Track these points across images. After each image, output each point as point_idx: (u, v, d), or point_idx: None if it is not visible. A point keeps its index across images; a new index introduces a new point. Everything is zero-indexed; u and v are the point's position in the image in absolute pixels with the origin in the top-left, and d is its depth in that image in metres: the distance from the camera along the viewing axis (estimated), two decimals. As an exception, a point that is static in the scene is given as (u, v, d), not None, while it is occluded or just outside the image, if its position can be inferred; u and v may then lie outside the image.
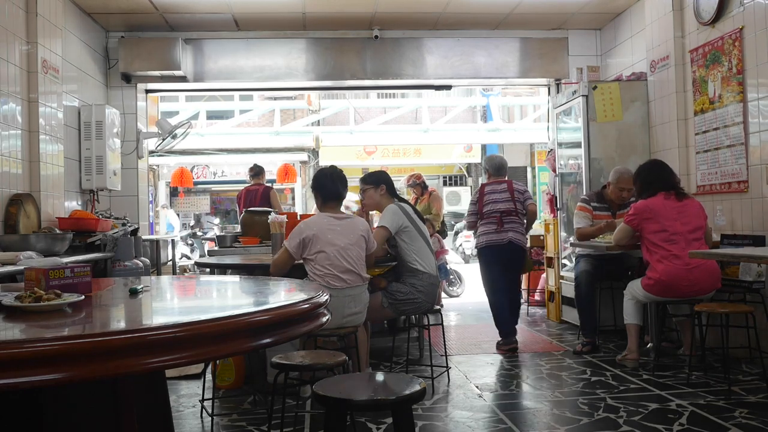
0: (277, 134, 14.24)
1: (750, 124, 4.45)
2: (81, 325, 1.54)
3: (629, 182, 4.63)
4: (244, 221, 5.29)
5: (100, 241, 4.81)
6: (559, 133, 6.39)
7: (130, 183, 6.46)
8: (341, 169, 3.76)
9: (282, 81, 6.77)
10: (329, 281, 3.39)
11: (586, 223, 4.80)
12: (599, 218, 4.81)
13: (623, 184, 4.72)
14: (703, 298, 4.03)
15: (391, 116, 15.00)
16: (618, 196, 4.79)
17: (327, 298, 1.76)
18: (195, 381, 4.16)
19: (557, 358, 4.68)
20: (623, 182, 4.72)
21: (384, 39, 6.67)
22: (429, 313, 4.03)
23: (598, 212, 4.84)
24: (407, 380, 2.09)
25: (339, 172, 3.72)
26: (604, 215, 4.82)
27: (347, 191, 3.73)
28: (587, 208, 4.86)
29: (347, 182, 3.73)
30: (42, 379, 1.14)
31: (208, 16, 6.20)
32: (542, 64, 6.83)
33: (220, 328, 1.34)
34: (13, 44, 4.45)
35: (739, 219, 4.58)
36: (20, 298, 1.59)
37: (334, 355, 2.74)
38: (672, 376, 4.02)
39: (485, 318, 6.46)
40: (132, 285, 2.00)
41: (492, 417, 3.38)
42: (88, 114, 5.73)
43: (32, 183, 4.65)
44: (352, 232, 3.53)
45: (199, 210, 17.40)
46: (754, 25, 4.38)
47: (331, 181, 3.65)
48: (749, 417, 3.21)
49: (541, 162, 10.25)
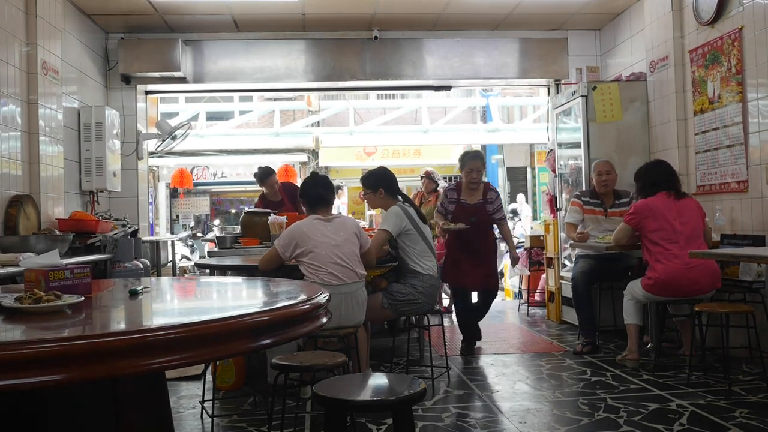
0: (276, 135, 14.23)
1: (749, 124, 4.45)
2: (81, 326, 1.54)
3: (603, 166, 4.95)
4: (243, 222, 5.29)
5: (100, 242, 4.81)
6: (558, 133, 6.39)
7: (130, 184, 6.46)
8: (324, 175, 3.83)
9: (282, 82, 6.77)
10: (323, 278, 3.40)
11: (575, 218, 4.95)
12: (590, 213, 4.92)
13: (599, 168, 4.96)
14: (703, 298, 4.03)
15: (390, 117, 14.99)
16: (599, 183, 4.93)
17: (327, 298, 1.76)
18: (195, 382, 4.16)
19: (557, 358, 4.68)
20: (598, 167, 4.97)
21: (384, 40, 6.67)
22: (429, 313, 4.03)
23: (589, 207, 4.94)
24: (407, 381, 2.09)
25: (322, 177, 3.78)
26: (596, 210, 4.92)
27: (334, 195, 3.73)
28: (578, 203, 4.99)
29: (332, 186, 3.75)
30: (42, 381, 1.14)
31: (208, 17, 6.20)
32: (542, 64, 6.84)
33: (220, 329, 1.34)
34: (12, 46, 4.45)
35: (739, 219, 4.58)
36: (20, 299, 1.59)
37: (334, 356, 2.74)
38: (672, 376, 4.02)
39: (485, 318, 6.45)
40: (132, 286, 2.00)
41: (492, 417, 3.38)
42: (87, 115, 5.73)
43: (32, 184, 4.65)
44: (343, 230, 3.55)
45: (199, 211, 17.38)
46: (753, 25, 4.38)
47: (312, 186, 3.68)
48: (749, 417, 3.21)
49: (540, 162, 10.27)
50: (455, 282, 5.00)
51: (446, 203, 4.98)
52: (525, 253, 7.25)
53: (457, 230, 4.72)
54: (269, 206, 5.97)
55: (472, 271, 4.84)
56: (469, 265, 4.84)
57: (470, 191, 4.95)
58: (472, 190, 4.95)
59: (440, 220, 4.90)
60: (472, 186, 4.93)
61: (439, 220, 4.91)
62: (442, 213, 4.98)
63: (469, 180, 4.90)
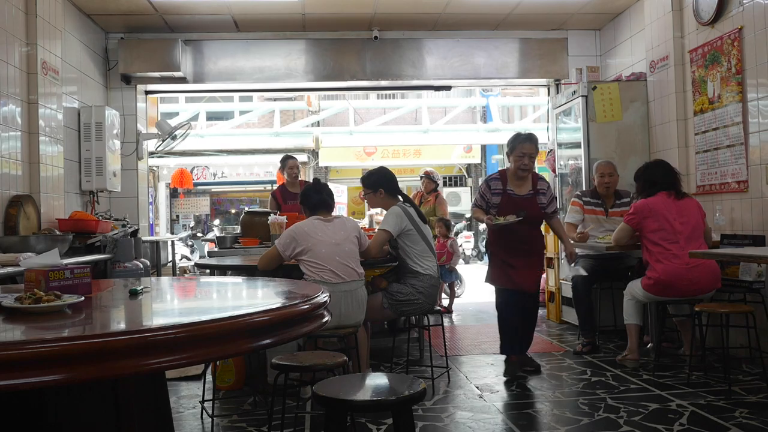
0: (276, 135, 14.24)
1: (749, 124, 4.45)
2: (81, 326, 1.53)
3: (605, 168, 4.93)
4: (243, 222, 5.29)
5: (100, 242, 4.81)
6: (558, 133, 6.40)
7: (130, 184, 6.46)
8: (325, 183, 3.88)
9: (282, 82, 6.77)
10: (323, 276, 3.43)
11: (576, 218, 4.94)
12: (590, 213, 4.92)
13: (601, 170, 4.93)
14: (703, 298, 4.04)
15: (390, 117, 15.00)
16: (601, 184, 4.90)
17: (327, 298, 1.76)
18: (195, 382, 4.16)
19: (557, 358, 4.68)
20: (601, 168, 4.94)
21: (383, 40, 6.67)
22: (429, 313, 4.03)
23: (589, 207, 4.95)
24: (407, 381, 2.09)
25: (321, 183, 3.85)
26: (597, 210, 4.92)
27: (334, 200, 3.79)
28: (578, 203, 4.99)
29: (332, 192, 3.81)
30: (42, 380, 1.14)
31: (208, 17, 6.20)
32: (542, 64, 6.84)
33: (220, 328, 1.34)
34: (12, 46, 4.45)
35: (739, 219, 4.58)
36: (20, 299, 1.59)
37: (335, 356, 2.74)
38: (672, 376, 4.02)
39: (485, 318, 6.47)
40: (132, 286, 2.00)
41: (492, 417, 3.38)
42: (87, 115, 5.73)
43: (32, 184, 4.66)
44: (343, 230, 3.61)
45: (199, 211, 17.39)
46: (753, 25, 4.38)
47: (315, 192, 3.73)
48: (749, 417, 3.21)
49: (540, 162, 10.23)
50: (507, 284, 4.20)
51: (488, 195, 4.23)
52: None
53: (509, 224, 4.04)
54: (287, 197, 5.93)
55: (526, 271, 4.18)
56: (522, 263, 4.16)
57: (518, 180, 4.23)
58: (521, 179, 4.23)
59: (481, 215, 4.21)
60: (522, 174, 4.20)
61: (480, 216, 4.21)
62: (482, 207, 4.26)
63: (519, 166, 4.16)
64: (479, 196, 4.30)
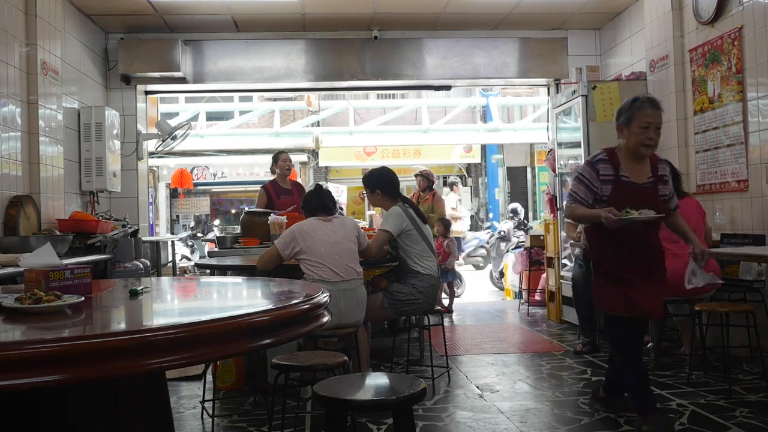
0: (276, 135, 14.23)
1: (749, 123, 4.45)
2: (81, 326, 1.54)
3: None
4: (243, 222, 5.28)
5: (100, 242, 4.81)
6: (558, 133, 6.39)
7: (130, 184, 6.46)
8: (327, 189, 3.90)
9: (281, 82, 6.77)
10: (322, 274, 3.44)
11: None
12: None
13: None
14: (703, 298, 4.03)
15: (390, 117, 14.99)
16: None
17: (327, 298, 1.76)
18: (195, 382, 4.16)
19: (558, 358, 4.68)
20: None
21: (383, 39, 6.67)
22: (429, 313, 4.03)
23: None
24: (408, 380, 2.09)
25: (324, 189, 3.86)
26: None
27: (335, 204, 3.80)
28: None
29: (333, 196, 3.83)
30: (42, 381, 1.14)
31: (208, 18, 6.20)
32: (542, 64, 6.84)
33: (221, 328, 1.34)
34: (12, 46, 4.45)
35: (739, 218, 4.58)
36: (20, 299, 1.59)
37: (335, 356, 2.74)
38: (672, 376, 4.02)
39: (485, 318, 6.47)
40: (132, 286, 2.00)
41: (493, 417, 3.38)
42: (87, 115, 5.73)
43: (32, 185, 4.66)
44: (342, 229, 3.62)
45: (199, 211, 17.38)
46: (753, 25, 4.38)
47: (317, 197, 3.75)
48: (750, 416, 3.21)
49: (540, 162, 10.26)
50: (619, 307, 3.11)
51: (595, 183, 3.07)
52: (525, 252, 7.26)
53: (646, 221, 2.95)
54: (280, 192, 5.76)
55: (650, 289, 3.10)
56: (643, 280, 3.09)
57: (636, 163, 3.11)
58: (640, 160, 3.11)
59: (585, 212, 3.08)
60: (644, 151, 3.06)
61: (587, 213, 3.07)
62: (586, 202, 3.09)
63: (642, 141, 3.02)
64: (583, 187, 3.09)
